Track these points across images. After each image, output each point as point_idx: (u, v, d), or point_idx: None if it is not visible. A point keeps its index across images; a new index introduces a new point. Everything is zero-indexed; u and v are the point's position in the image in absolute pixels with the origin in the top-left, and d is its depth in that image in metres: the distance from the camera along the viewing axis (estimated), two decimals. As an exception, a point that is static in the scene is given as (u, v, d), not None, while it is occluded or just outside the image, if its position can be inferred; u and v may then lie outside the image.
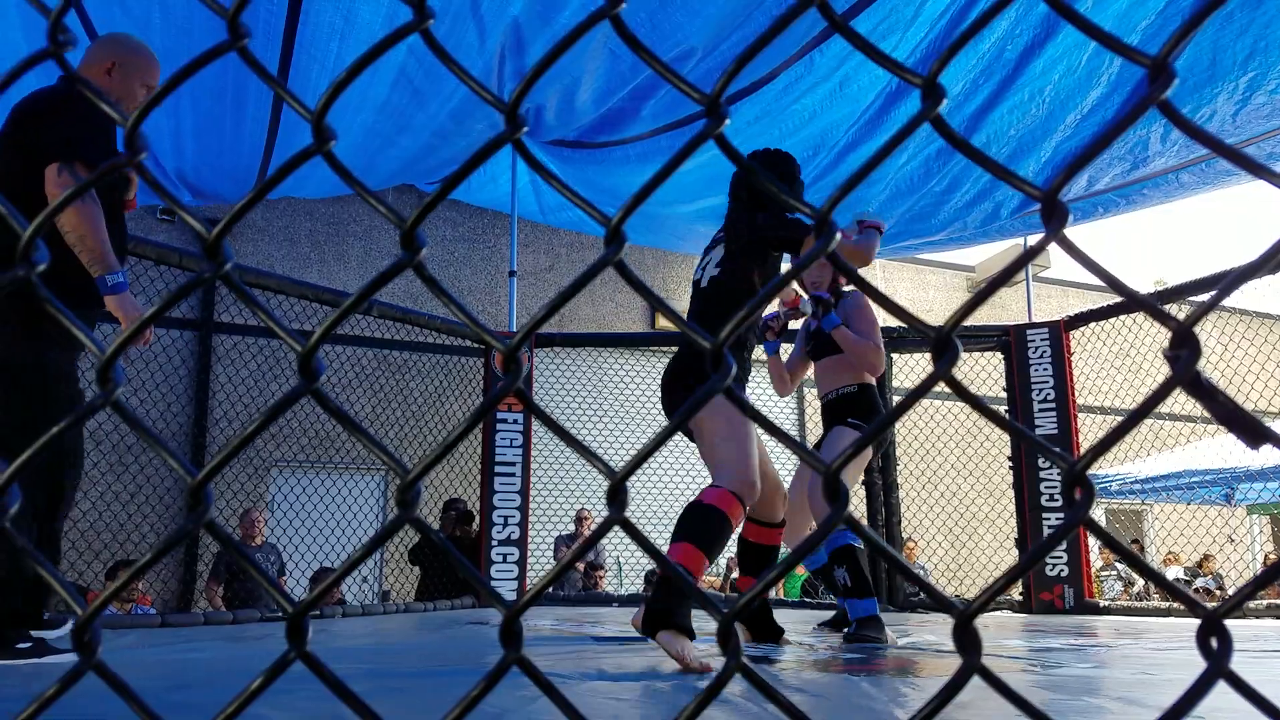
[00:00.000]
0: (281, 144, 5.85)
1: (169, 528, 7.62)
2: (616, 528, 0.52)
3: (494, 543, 6.09)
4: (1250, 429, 0.45)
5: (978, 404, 0.49)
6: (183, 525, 0.50)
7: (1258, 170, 0.47)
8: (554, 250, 10.44)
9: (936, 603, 0.43)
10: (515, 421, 6.28)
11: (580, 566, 7.43)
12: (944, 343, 0.48)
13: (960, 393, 0.50)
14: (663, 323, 10.31)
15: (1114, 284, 0.48)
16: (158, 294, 6.06)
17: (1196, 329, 0.46)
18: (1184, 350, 0.45)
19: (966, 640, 0.46)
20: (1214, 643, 0.44)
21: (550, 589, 6.59)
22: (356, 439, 0.53)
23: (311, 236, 9.69)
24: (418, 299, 9.61)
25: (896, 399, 6.73)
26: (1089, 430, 6.43)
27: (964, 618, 0.46)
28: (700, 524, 2.56)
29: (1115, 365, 6.18)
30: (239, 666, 2.48)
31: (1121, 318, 5.99)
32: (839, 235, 0.53)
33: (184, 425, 7.87)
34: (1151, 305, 0.48)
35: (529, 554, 6.28)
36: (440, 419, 6.78)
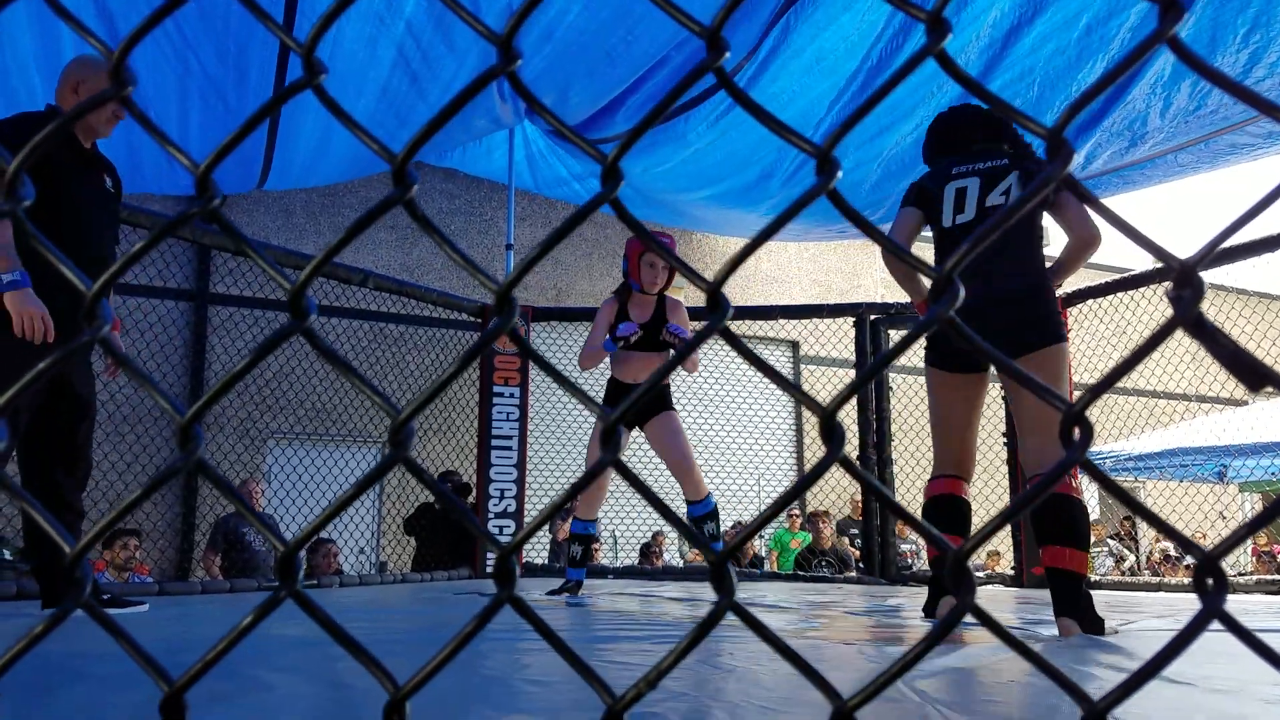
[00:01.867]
0: (284, 131, 5.81)
1: (166, 498, 7.63)
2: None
3: (490, 516, 6.11)
4: (1251, 369, 0.44)
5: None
6: (173, 462, 0.49)
7: (1272, 110, 0.46)
8: (551, 224, 10.39)
9: (931, 543, 0.43)
10: (512, 396, 6.28)
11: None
12: (944, 284, 0.48)
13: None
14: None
15: (1120, 225, 0.48)
16: (151, 264, 6.04)
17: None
18: (1186, 290, 0.45)
19: (961, 580, 0.46)
20: (1210, 582, 0.43)
21: (545, 561, 6.57)
22: (346, 378, 0.52)
23: (307, 208, 9.63)
24: (414, 271, 9.58)
25: (896, 377, 6.73)
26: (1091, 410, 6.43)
27: (958, 557, 0.46)
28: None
29: (1113, 343, 6.17)
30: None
31: (1119, 295, 5.99)
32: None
33: (179, 397, 7.86)
34: (1155, 246, 0.48)
35: (525, 528, 6.29)
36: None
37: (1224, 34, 4.82)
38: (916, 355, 7.18)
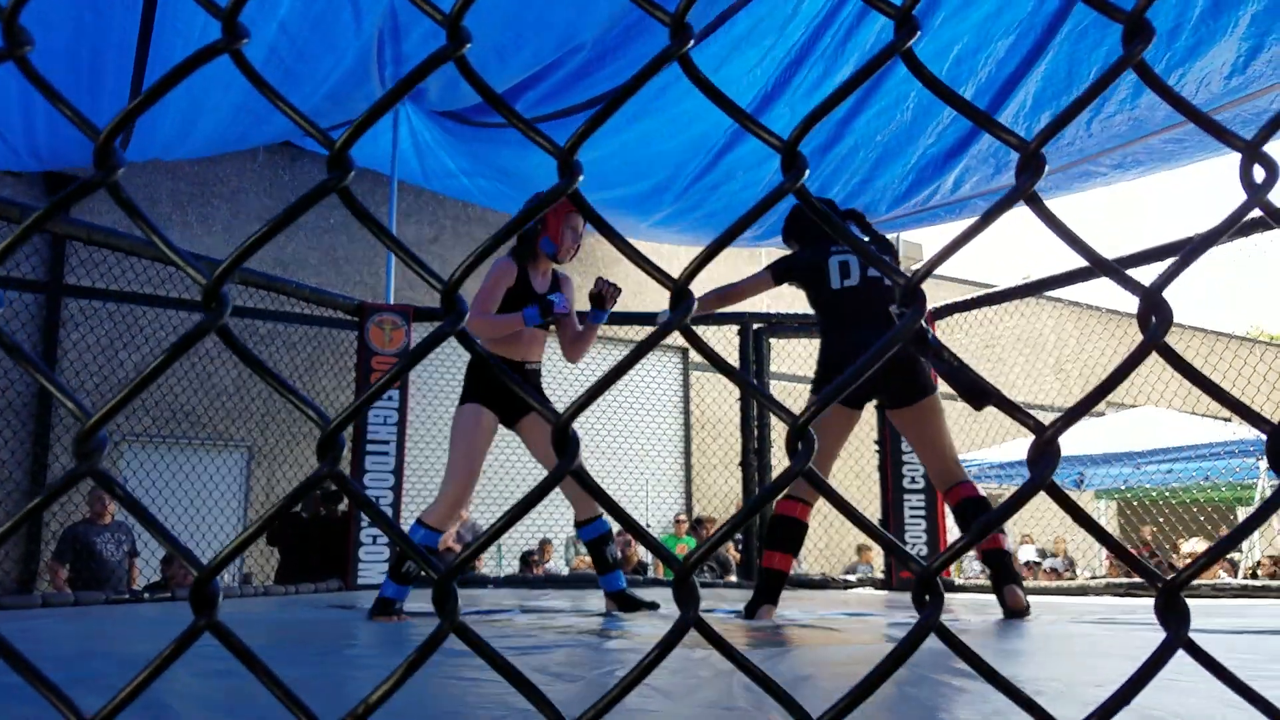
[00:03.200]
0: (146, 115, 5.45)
1: (6, 503, 7.02)
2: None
3: (364, 523, 5.89)
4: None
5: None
6: (72, 470, 0.43)
7: (1223, 135, 0.47)
8: (438, 221, 10.16)
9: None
10: (390, 398, 6.07)
11: (457, 548, 7.29)
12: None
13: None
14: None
15: (1080, 248, 0.48)
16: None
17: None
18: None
19: (930, 591, 0.44)
20: (1169, 614, 0.44)
21: (420, 572, 6.48)
22: (267, 382, 0.47)
23: (174, 197, 9.07)
24: (289, 267, 9.17)
25: (775, 384, 6.89)
26: (949, 416, 6.76)
27: (927, 574, 0.45)
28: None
29: (977, 355, 6.50)
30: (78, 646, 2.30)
31: (984, 309, 6.31)
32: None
33: (25, 394, 7.26)
34: (1113, 268, 0.48)
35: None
36: (312, 393, 6.50)
37: (1080, 69, 5.16)
38: (798, 363, 7.35)
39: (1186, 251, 0.46)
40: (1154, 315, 0.45)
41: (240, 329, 6.48)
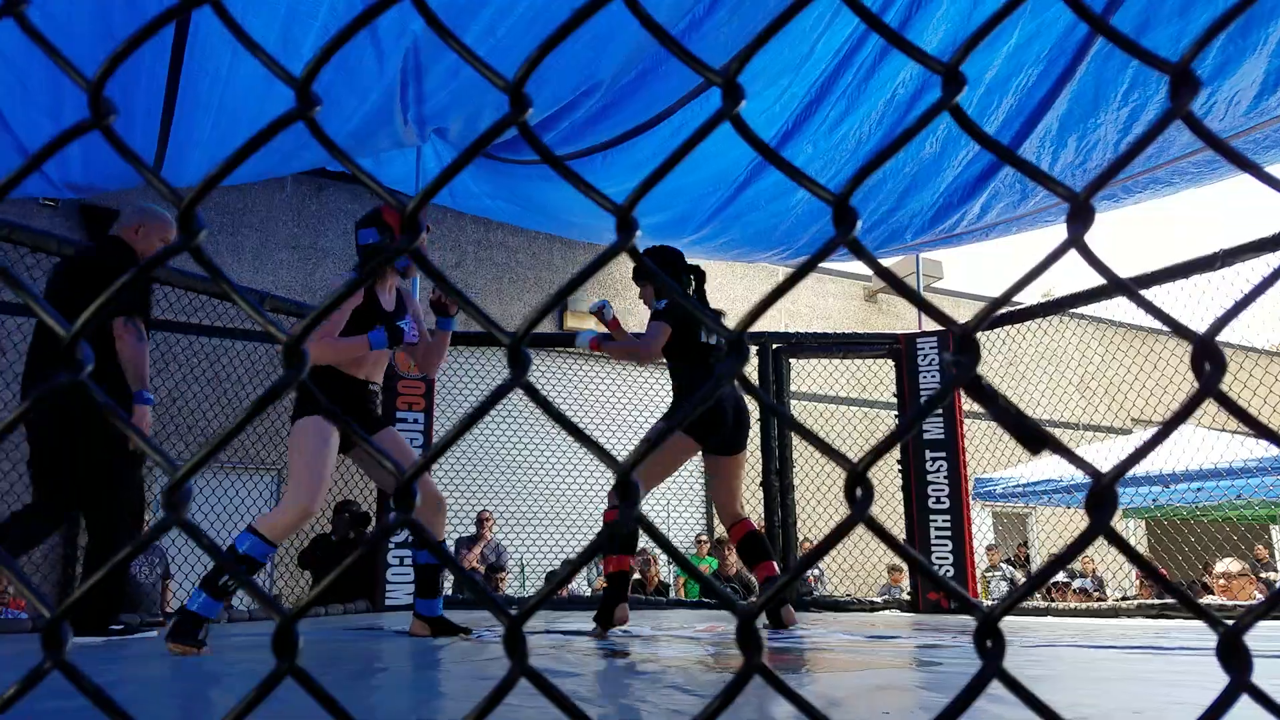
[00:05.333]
0: (176, 137, 5.56)
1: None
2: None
3: (391, 546, 5.92)
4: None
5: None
6: (160, 521, 0.45)
7: (1250, 168, 0.48)
8: (460, 246, 10.25)
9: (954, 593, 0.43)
10: (416, 421, 6.12)
11: (481, 568, 7.31)
12: (967, 340, 0.48)
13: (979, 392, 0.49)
14: (571, 323, 10.24)
15: (1133, 296, 0.49)
16: (36, 281, 5.65)
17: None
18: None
19: (992, 636, 0.45)
20: (1232, 658, 0.44)
21: (450, 593, 6.39)
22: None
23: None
24: (316, 293, 9.28)
25: (794, 403, 6.87)
26: (974, 435, 6.72)
27: (990, 618, 0.46)
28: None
29: (1000, 373, 6.46)
30: (109, 672, 2.33)
31: (1006, 328, 6.28)
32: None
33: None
34: (1164, 314, 0.49)
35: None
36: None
37: (1106, 90, 5.15)
38: (816, 382, 7.32)
39: (1238, 303, 0.47)
40: (1208, 362, 0.46)
41: (269, 354, 6.56)
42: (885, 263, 11.77)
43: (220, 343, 6.46)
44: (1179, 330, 0.48)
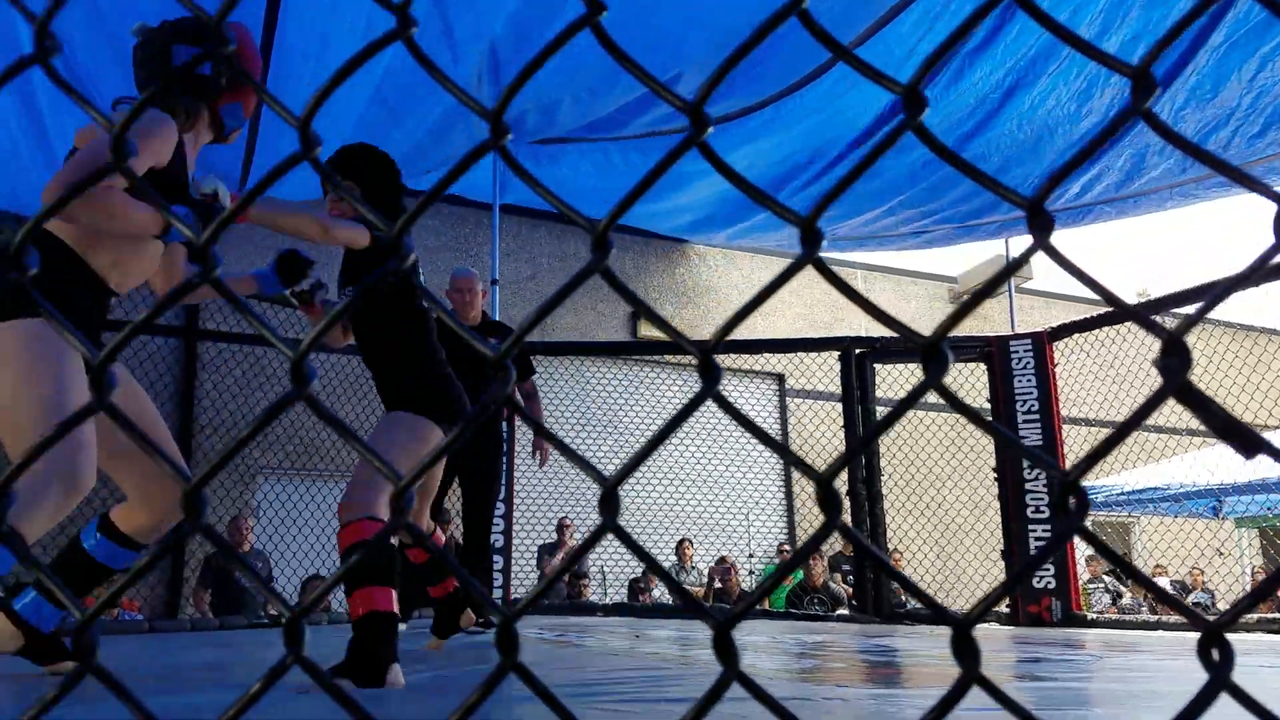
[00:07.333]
0: (262, 150, 5.85)
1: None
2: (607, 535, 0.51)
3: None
4: (1244, 438, 0.45)
5: (971, 413, 0.50)
6: (178, 529, 0.50)
7: (1246, 182, 0.47)
8: (536, 260, 10.42)
9: (933, 611, 0.43)
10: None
11: (565, 576, 7.40)
12: (933, 350, 0.49)
13: (951, 401, 0.50)
14: (645, 331, 10.29)
15: (1101, 292, 0.49)
16: (142, 301, 6.02)
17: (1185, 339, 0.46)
18: (1173, 359, 0.46)
19: (965, 649, 0.46)
20: (1215, 654, 0.44)
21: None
22: (353, 447, 0.52)
23: (296, 243, 9.60)
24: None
25: (881, 410, 6.74)
26: (1073, 442, 6.46)
27: (962, 626, 0.46)
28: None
29: (1099, 377, 6.21)
30: (229, 672, 2.46)
31: (1105, 329, 6.03)
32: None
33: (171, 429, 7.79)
34: (1139, 314, 0.49)
35: (512, 563, 6.25)
36: None
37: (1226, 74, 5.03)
38: (904, 388, 7.18)
39: (1213, 296, 0.46)
40: (1175, 357, 0.45)
41: (355, 366, 6.80)
42: (971, 261, 11.46)
43: (310, 356, 6.74)
44: (1148, 325, 0.47)
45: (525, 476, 7.71)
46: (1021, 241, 7.58)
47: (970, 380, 6.70)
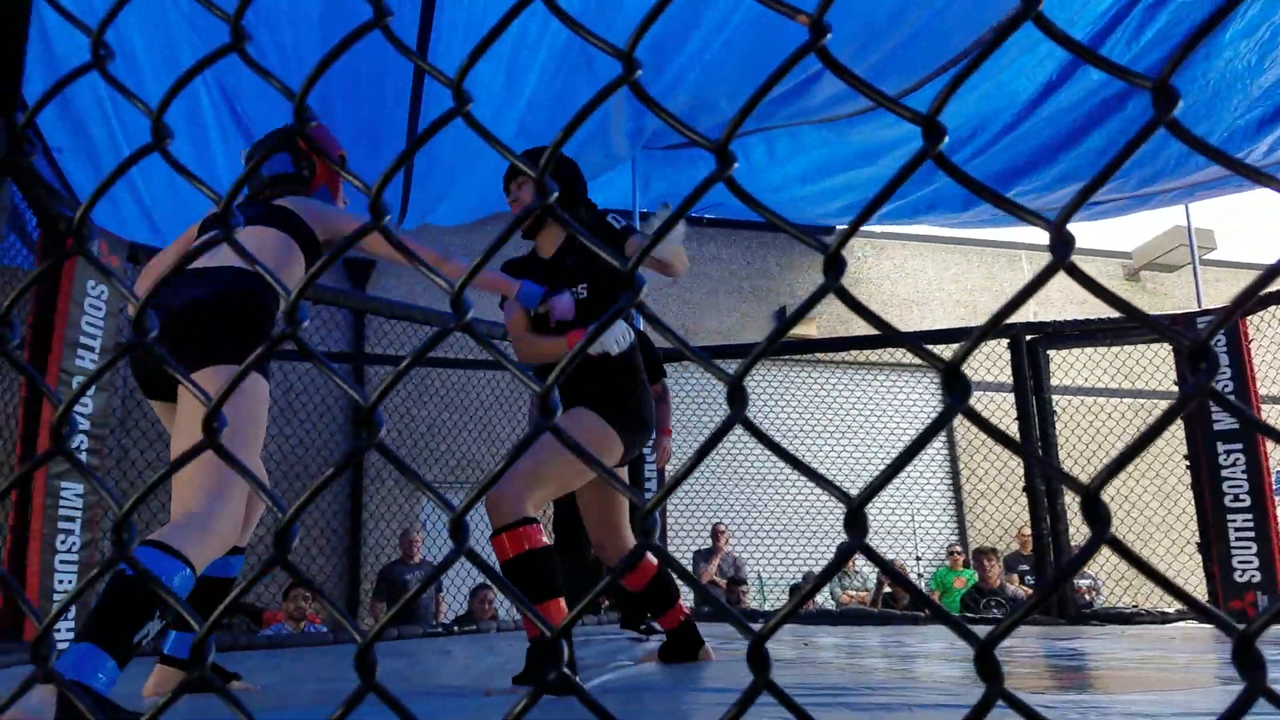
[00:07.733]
0: (420, 169, 6.06)
1: (335, 550, 7.98)
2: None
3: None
4: None
5: (1000, 436, 0.42)
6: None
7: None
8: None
9: (953, 628, 0.37)
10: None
11: (722, 583, 7.34)
12: (953, 375, 0.42)
13: (979, 423, 0.42)
14: (793, 330, 10.12)
15: (1127, 309, 0.42)
16: (313, 330, 6.40)
17: None
18: (1205, 364, 0.42)
19: (988, 669, 0.38)
20: (1247, 662, 0.38)
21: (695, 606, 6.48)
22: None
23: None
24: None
25: (1057, 399, 6.32)
26: (1275, 422, 5.86)
27: (985, 645, 0.39)
28: None
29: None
30: (412, 682, 2.55)
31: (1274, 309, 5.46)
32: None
33: (338, 454, 8.27)
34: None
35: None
36: (498, 431, 6.96)
37: None
38: (1081, 374, 6.73)
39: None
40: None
41: (506, 382, 6.98)
42: (1145, 236, 10.61)
43: (468, 374, 6.98)
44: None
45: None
46: (1202, 207, 6.97)
47: (1154, 361, 6.20)
